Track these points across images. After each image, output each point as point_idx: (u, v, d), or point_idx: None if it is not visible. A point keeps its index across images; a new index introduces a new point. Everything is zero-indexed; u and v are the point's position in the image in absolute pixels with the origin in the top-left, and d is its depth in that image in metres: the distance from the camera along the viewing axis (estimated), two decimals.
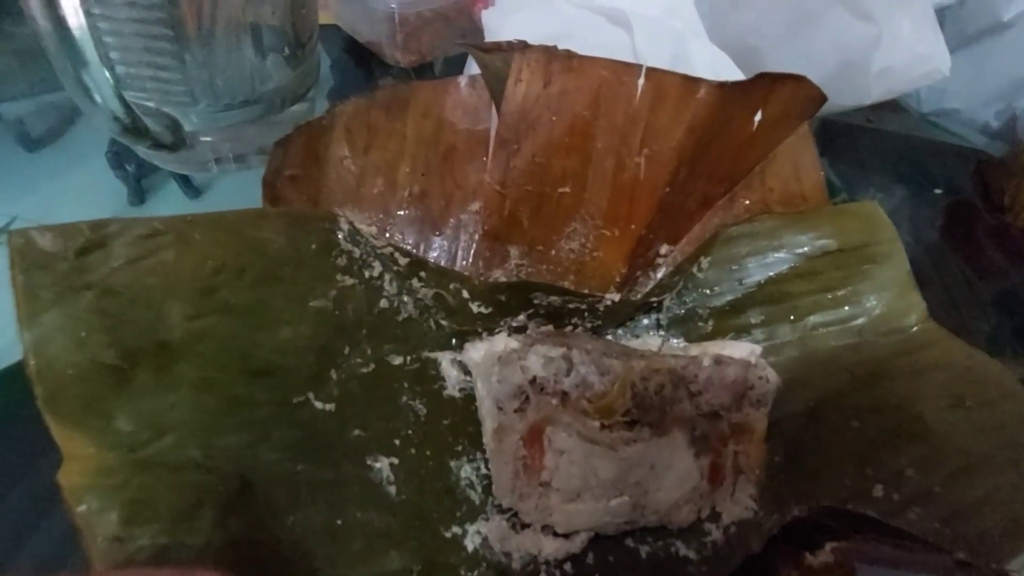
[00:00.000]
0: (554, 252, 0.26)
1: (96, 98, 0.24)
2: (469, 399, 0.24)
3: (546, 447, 0.21)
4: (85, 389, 0.17)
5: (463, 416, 0.24)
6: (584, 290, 0.25)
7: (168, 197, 0.38)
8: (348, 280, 0.23)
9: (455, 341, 0.25)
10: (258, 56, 0.30)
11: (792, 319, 0.26)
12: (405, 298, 0.24)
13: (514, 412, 0.21)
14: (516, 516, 0.21)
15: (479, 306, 0.24)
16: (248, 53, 0.30)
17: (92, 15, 0.25)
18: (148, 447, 0.18)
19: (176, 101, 0.29)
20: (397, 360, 0.24)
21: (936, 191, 0.42)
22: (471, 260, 0.26)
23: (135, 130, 0.25)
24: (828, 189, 0.42)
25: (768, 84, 0.24)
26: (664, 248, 0.27)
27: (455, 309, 0.25)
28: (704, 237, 0.27)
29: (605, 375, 0.20)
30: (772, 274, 0.26)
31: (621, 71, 0.24)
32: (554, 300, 0.25)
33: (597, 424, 0.20)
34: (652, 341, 0.26)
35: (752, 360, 0.23)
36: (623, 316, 0.26)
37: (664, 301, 0.26)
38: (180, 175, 0.37)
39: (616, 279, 0.26)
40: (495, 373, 0.22)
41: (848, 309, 0.26)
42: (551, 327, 0.25)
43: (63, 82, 0.24)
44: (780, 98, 0.25)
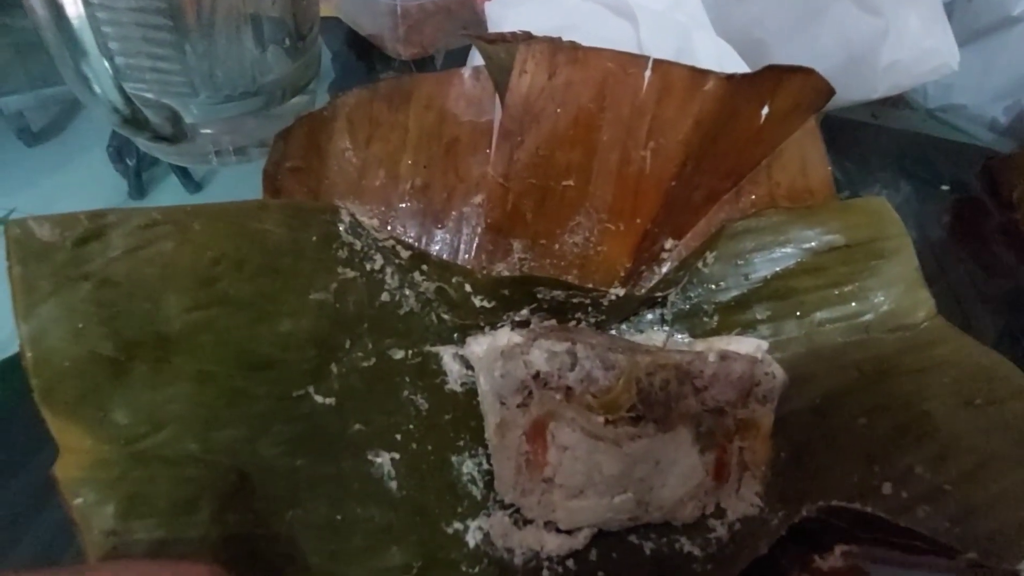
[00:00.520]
0: (558, 246, 0.26)
1: (96, 89, 0.23)
2: (471, 393, 0.24)
3: (549, 442, 0.20)
4: (82, 381, 0.17)
5: (465, 411, 0.23)
6: (588, 284, 0.25)
7: (168, 191, 0.37)
8: (349, 273, 0.23)
9: (457, 335, 0.25)
10: (258, 47, 0.30)
11: (798, 315, 0.26)
12: (407, 291, 0.24)
13: (517, 407, 0.21)
14: (518, 512, 0.21)
15: (481, 300, 0.24)
16: (248, 44, 0.29)
17: (91, 5, 0.24)
18: (145, 440, 0.17)
19: (176, 92, 0.29)
20: (398, 354, 0.23)
21: (943, 188, 0.41)
22: (473, 253, 0.26)
23: (135, 122, 0.25)
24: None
25: (776, 77, 0.24)
26: (669, 243, 0.27)
27: (457, 303, 0.24)
28: (710, 231, 0.27)
29: (610, 370, 0.20)
30: (778, 269, 0.26)
31: (627, 63, 0.24)
32: (557, 294, 0.24)
33: (601, 419, 0.20)
34: (656, 336, 0.26)
35: (758, 356, 0.23)
36: (627, 311, 0.26)
37: (669, 296, 0.26)
38: (180, 169, 0.37)
39: (620, 274, 0.26)
40: (498, 367, 0.21)
41: (855, 305, 0.26)
42: (554, 322, 0.25)
43: (62, 73, 0.23)
44: (788, 91, 0.25)
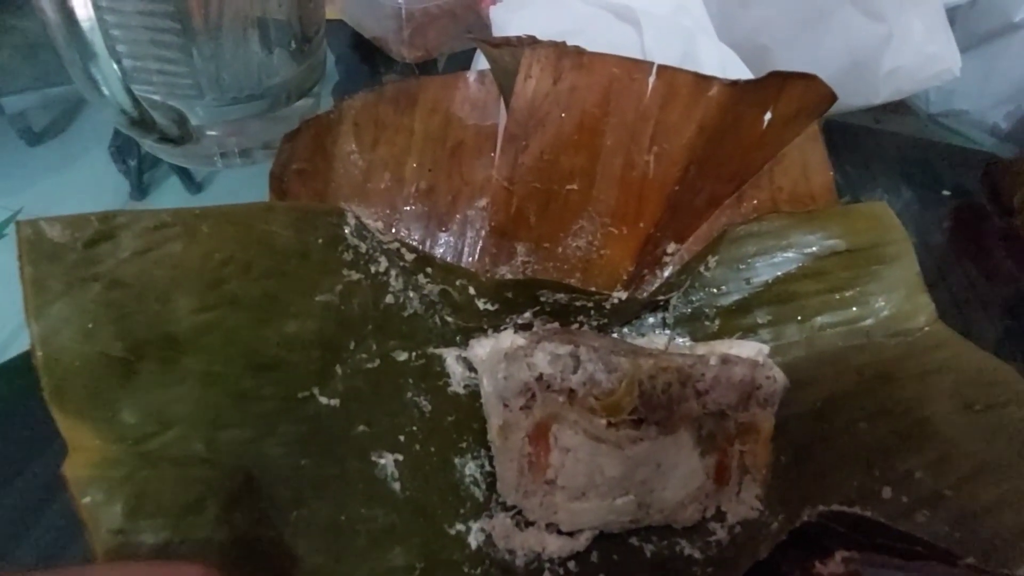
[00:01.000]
0: (561, 249, 0.26)
1: (104, 91, 0.24)
2: (474, 396, 0.24)
3: (552, 445, 0.20)
4: (91, 381, 0.17)
5: (468, 413, 0.23)
6: (591, 288, 0.25)
7: (170, 191, 0.37)
8: (354, 275, 0.23)
9: (460, 338, 0.25)
10: (264, 50, 0.30)
11: (800, 319, 0.26)
12: (411, 294, 0.24)
13: (520, 409, 0.21)
14: (520, 514, 0.21)
15: (485, 303, 0.24)
16: (254, 47, 0.30)
17: (100, 8, 0.24)
18: (153, 440, 0.18)
19: (183, 94, 0.29)
20: (402, 356, 0.24)
21: (944, 193, 0.41)
22: (477, 256, 0.26)
23: (142, 123, 0.25)
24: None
25: (779, 83, 0.24)
26: (671, 246, 0.27)
27: (461, 305, 0.25)
28: (712, 236, 0.27)
29: (612, 373, 0.20)
30: (780, 274, 0.26)
31: (632, 68, 0.24)
32: (560, 297, 0.25)
33: (604, 422, 0.20)
34: (658, 340, 0.26)
35: (760, 360, 0.23)
36: (629, 314, 0.26)
37: (671, 300, 0.26)
38: (181, 169, 0.37)
39: (623, 277, 0.26)
40: (501, 370, 0.21)
41: (856, 310, 0.26)
42: (557, 324, 0.25)
43: (71, 75, 0.24)
44: (791, 97, 0.25)
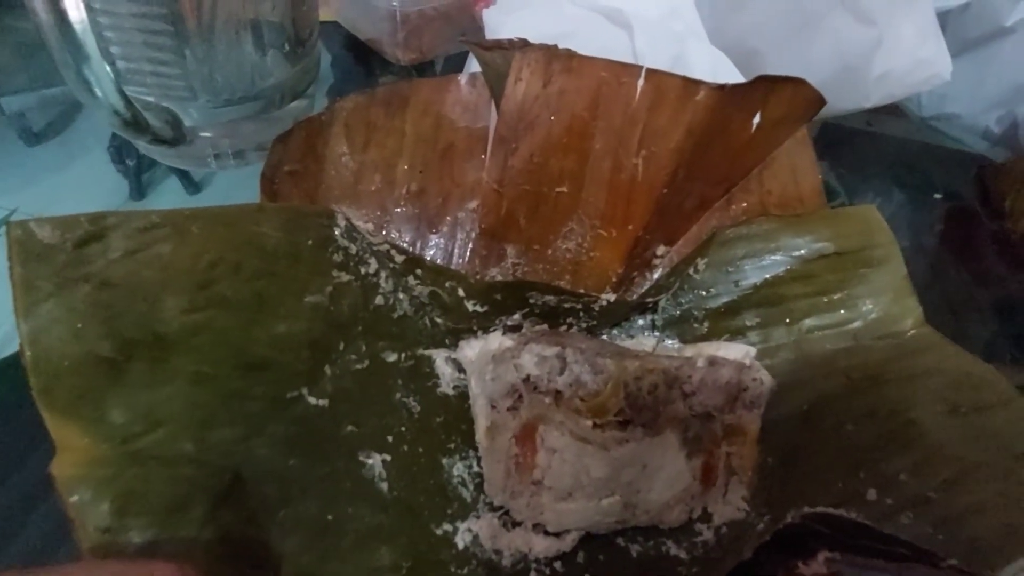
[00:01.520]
0: (550, 251, 0.26)
1: (97, 92, 0.24)
2: (463, 397, 0.24)
3: (538, 445, 0.21)
4: (80, 381, 0.17)
5: (456, 414, 0.24)
6: (580, 290, 0.25)
7: (168, 192, 0.38)
8: (344, 276, 0.23)
9: (449, 339, 0.25)
10: (258, 52, 0.30)
11: (788, 322, 0.26)
12: (401, 295, 0.24)
13: (507, 410, 0.21)
14: (507, 514, 0.22)
15: (474, 304, 0.25)
16: (248, 49, 0.30)
17: (93, 10, 0.25)
18: (141, 440, 0.18)
19: (176, 96, 0.29)
20: (391, 357, 0.24)
21: (936, 196, 0.42)
22: (467, 258, 0.26)
23: (136, 124, 0.26)
24: (827, 193, 0.42)
25: (767, 87, 0.25)
26: (661, 249, 0.27)
27: (450, 307, 0.25)
28: (701, 238, 0.27)
29: (599, 374, 0.20)
30: (768, 276, 0.26)
31: (621, 72, 0.24)
32: (549, 299, 0.25)
33: (590, 423, 0.20)
34: (647, 342, 0.26)
35: (746, 362, 0.23)
36: (618, 316, 0.26)
37: (660, 302, 0.26)
38: (181, 170, 0.38)
39: (612, 279, 0.26)
40: (489, 371, 0.22)
41: (844, 312, 0.26)
42: (546, 326, 0.25)
43: (64, 76, 0.24)
44: (779, 101, 0.25)
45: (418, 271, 0.24)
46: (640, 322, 0.27)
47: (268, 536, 0.18)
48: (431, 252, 0.26)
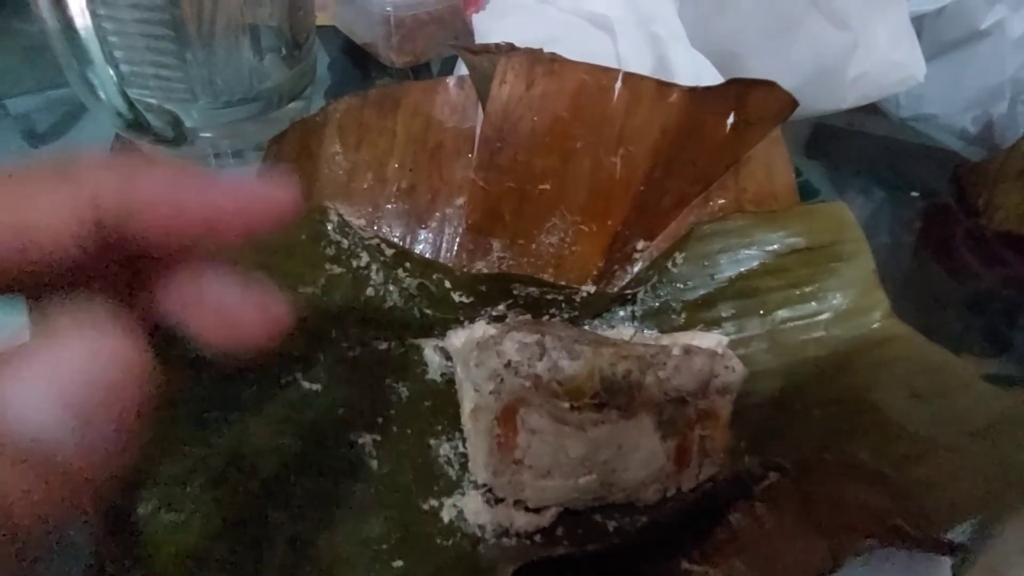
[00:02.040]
0: (535, 246, 0.27)
1: (100, 95, 0.25)
2: (450, 383, 0.25)
3: (519, 426, 0.22)
4: None
5: (444, 399, 0.25)
6: (562, 282, 0.26)
7: None
8: (336, 269, 0.24)
9: (438, 329, 0.26)
10: (256, 56, 0.32)
11: (761, 313, 0.28)
12: (391, 287, 0.26)
13: (489, 394, 0.22)
14: (491, 491, 0.23)
15: (460, 296, 0.26)
16: (246, 53, 0.31)
17: (98, 16, 0.26)
18: None
19: (177, 98, 0.30)
20: (382, 345, 0.25)
21: (913, 194, 0.43)
22: (455, 252, 0.27)
23: (137, 125, 0.27)
24: (807, 192, 0.43)
25: (740, 89, 0.26)
26: (641, 244, 0.28)
27: (438, 298, 0.26)
28: (680, 234, 0.29)
29: (575, 360, 0.21)
30: (743, 270, 0.28)
31: (599, 75, 0.25)
32: (532, 291, 0.26)
33: (567, 405, 0.21)
34: (627, 332, 0.27)
35: (719, 351, 0.25)
36: (599, 307, 0.27)
37: (638, 294, 0.27)
38: None
39: (593, 272, 0.27)
40: (473, 358, 0.23)
41: (815, 305, 0.27)
42: (529, 317, 0.26)
43: (69, 79, 0.25)
44: (752, 102, 0.26)
45: (407, 264, 0.26)
46: (620, 313, 0.28)
47: (263, 507, 0.19)
48: (420, 246, 0.27)
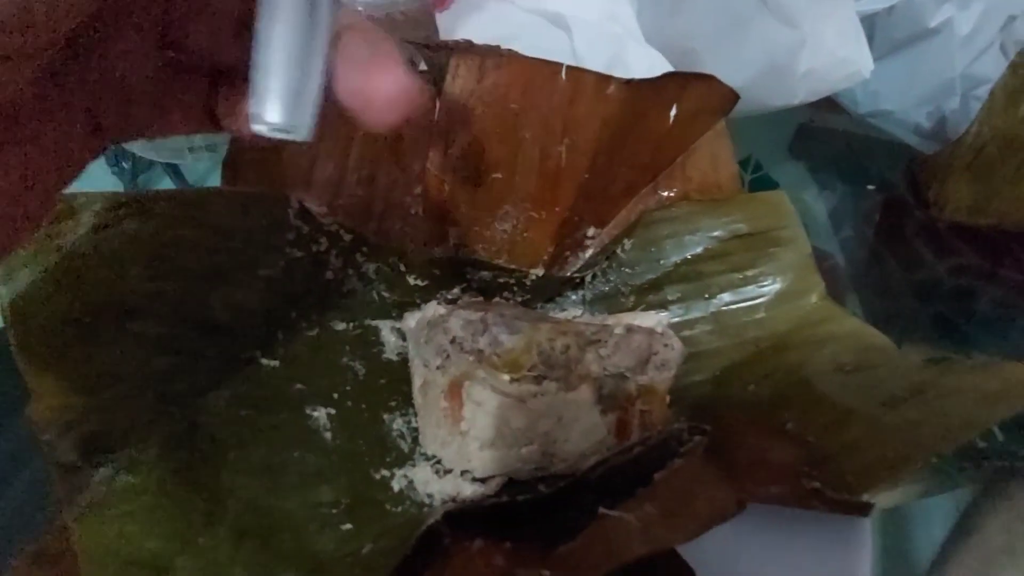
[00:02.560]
0: (488, 232, 0.29)
1: None
2: (406, 362, 0.27)
3: (464, 399, 0.23)
4: (53, 339, 0.20)
5: (398, 377, 0.26)
6: (512, 266, 0.28)
7: None
8: (296, 253, 0.26)
9: (395, 312, 0.28)
10: None
11: (706, 296, 0.29)
12: (350, 271, 0.27)
13: (437, 368, 0.23)
14: (440, 463, 0.24)
15: (415, 279, 0.27)
16: None
17: None
18: (107, 391, 0.20)
19: None
20: (340, 326, 0.26)
21: (869, 187, 0.45)
22: (413, 239, 0.29)
23: None
24: (767, 186, 0.45)
25: (679, 83, 0.27)
26: (592, 231, 0.30)
27: (395, 282, 0.27)
28: (630, 221, 0.30)
29: (514, 335, 0.23)
30: (688, 255, 0.29)
31: (545, 69, 0.27)
32: (485, 275, 0.27)
33: (507, 378, 0.23)
34: (576, 313, 0.29)
35: (658, 329, 0.26)
36: (550, 291, 0.29)
37: (587, 278, 0.29)
38: (174, 171, 0.40)
39: (544, 257, 0.29)
40: (423, 335, 0.24)
41: (755, 287, 0.29)
42: (481, 299, 0.28)
43: None
44: (693, 95, 0.28)
45: (364, 248, 0.27)
46: (572, 297, 0.30)
47: (219, 473, 0.21)
48: (379, 234, 0.29)
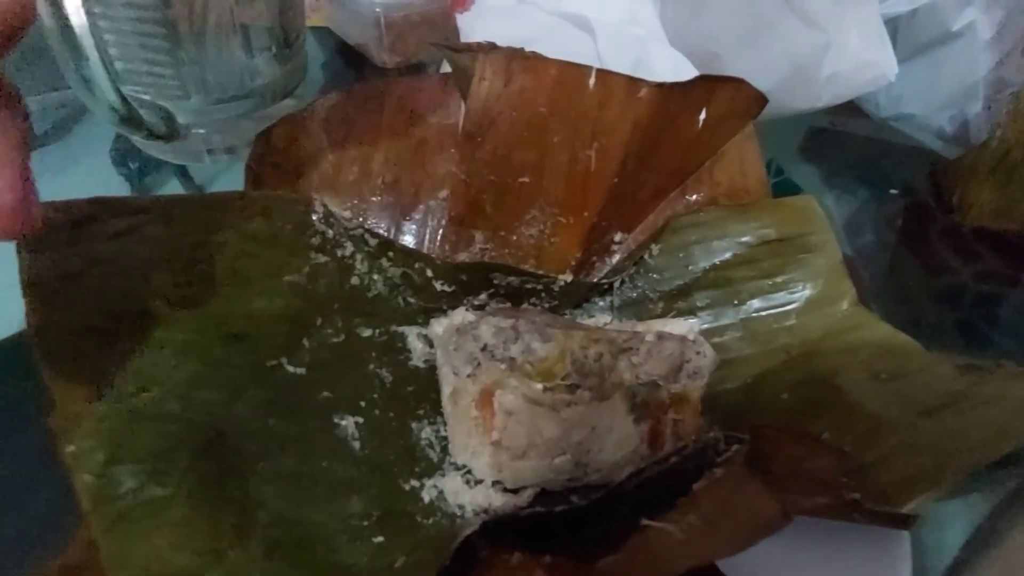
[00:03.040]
0: (515, 237, 0.28)
1: (95, 91, 0.26)
2: (433, 369, 0.26)
3: (496, 408, 0.23)
4: (77, 346, 0.20)
5: (426, 384, 0.26)
6: (540, 272, 0.27)
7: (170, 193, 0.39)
8: (321, 258, 0.25)
9: (422, 318, 0.27)
10: (247, 54, 0.33)
11: (735, 303, 0.28)
12: (375, 276, 0.27)
13: (467, 377, 0.23)
14: (470, 473, 0.23)
15: (442, 284, 0.27)
16: (237, 52, 0.32)
17: (93, 15, 0.27)
18: (132, 400, 0.20)
19: (170, 95, 0.31)
20: (366, 332, 0.26)
21: (892, 192, 0.44)
22: (438, 243, 0.28)
23: (131, 121, 0.28)
24: (790, 190, 0.44)
25: (709, 86, 0.27)
26: (619, 236, 0.29)
27: (421, 287, 0.27)
28: (658, 226, 0.29)
29: (547, 342, 0.22)
30: (717, 261, 0.29)
31: (573, 71, 0.26)
32: (512, 280, 0.27)
33: (540, 387, 0.22)
34: (604, 320, 0.28)
35: (690, 337, 0.26)
36: (577, 297, 0.28)
37: (616, 284, 0.28)
38: (182, 172, 0.39)
39: (572, 263, 0.28)
40: (452, 342, 0.24)
41: (785, 294, 0.28)
42: (509, 305, 0.27)
43: (65, 75, 0.26)
44: (722, 99, 0.27)
45: (390, 254, 0.27)
46: (600, 303, 0.29)
47: (247, 485, 0.20)
48: (404, 238, 0.28)
